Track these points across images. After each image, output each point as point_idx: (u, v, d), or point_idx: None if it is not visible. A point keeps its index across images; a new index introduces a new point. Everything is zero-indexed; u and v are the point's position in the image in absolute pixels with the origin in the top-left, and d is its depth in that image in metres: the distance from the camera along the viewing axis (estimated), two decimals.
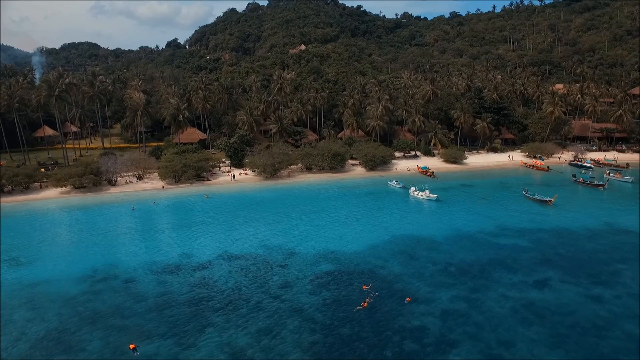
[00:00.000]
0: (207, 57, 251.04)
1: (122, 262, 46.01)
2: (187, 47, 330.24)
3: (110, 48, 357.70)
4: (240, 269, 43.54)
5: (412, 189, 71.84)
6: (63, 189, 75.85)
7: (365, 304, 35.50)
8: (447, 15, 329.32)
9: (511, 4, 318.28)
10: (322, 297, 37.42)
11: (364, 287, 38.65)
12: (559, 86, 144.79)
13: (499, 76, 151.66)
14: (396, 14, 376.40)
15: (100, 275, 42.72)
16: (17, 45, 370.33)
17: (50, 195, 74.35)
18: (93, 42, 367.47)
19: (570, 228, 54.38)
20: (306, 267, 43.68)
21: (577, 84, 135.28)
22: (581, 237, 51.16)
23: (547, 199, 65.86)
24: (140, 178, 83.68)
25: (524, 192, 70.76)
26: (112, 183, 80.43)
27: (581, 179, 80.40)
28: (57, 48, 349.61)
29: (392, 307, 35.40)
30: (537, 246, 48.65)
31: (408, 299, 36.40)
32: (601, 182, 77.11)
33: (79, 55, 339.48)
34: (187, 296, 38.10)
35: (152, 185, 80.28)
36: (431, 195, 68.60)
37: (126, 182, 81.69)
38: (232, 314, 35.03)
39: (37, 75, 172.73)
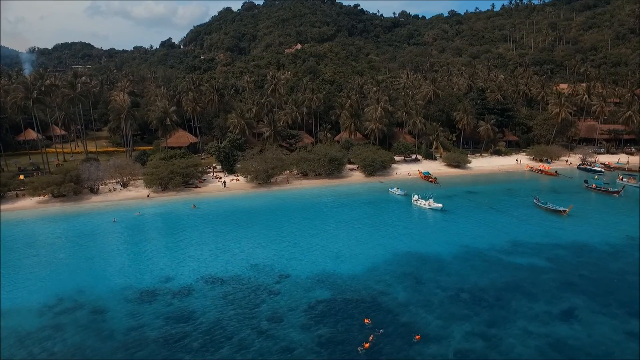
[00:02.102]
0: (202, 57, 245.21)
1: (92, 286, 40.80)
2: (181, 47, 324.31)
3: (104, 48, 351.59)
4: (224, 296, 38.42)
5: (415, 197, 66.93)
6: (41, 198, 70.78)
7: (368, 345, 30.41)
8: (445, 14, 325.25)
9: (510, 2, 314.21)
10: (317, 333, 32.29)
11: (365, 320, 33.47)
12: (563, 86, 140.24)
13: (501, 76, 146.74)
14: (394, 13, 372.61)
15: (65, 305, 37.53)
16: (11, 46, 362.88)
17: (27, 205, 69.14)
18: (86, 42, 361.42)
19: (590, 243, 49.34)
20: (298, 294, 38.54)
21: (583, 84, 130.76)
22: (604, 255, 46.18)
23: (562, 209, 60.81)
24: (124, 186, 78.54)
25: (534, 201, 65.80)
26: (94, 191, 75.26)
27: (594, 185, 75.26)
28: (49, 48, 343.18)
29: (398, 347, 30.34)
30: (556, 266, 43.65)
31: (417, 337, 31.24)
32: (616, 189, 72.02)
33: (72, 55, 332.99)
34: (161, 332, 32.95)
35: (137, 194, 75.07)
36: (436, 204, 63.64)
37: (109, 190, 76.55)
38: (211, 356, 29.99)
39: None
